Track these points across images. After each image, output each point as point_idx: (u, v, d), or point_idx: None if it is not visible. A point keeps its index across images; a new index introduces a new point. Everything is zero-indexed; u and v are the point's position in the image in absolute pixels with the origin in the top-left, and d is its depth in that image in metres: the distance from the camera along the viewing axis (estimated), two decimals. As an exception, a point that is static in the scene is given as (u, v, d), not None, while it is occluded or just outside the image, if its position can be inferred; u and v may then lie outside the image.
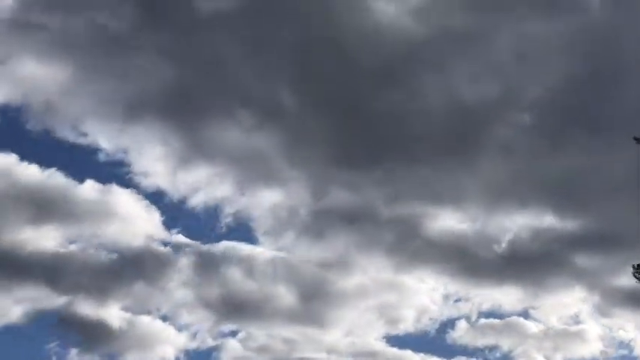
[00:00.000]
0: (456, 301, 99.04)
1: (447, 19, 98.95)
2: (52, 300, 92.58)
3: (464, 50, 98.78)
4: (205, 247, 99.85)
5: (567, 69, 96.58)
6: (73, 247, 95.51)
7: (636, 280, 60.36)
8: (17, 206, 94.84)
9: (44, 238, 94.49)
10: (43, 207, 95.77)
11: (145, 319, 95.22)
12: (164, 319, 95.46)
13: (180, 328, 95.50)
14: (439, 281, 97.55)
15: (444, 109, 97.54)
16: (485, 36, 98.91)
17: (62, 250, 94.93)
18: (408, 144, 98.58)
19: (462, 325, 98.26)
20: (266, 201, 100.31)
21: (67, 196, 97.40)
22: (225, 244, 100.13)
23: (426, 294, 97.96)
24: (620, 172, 79.93)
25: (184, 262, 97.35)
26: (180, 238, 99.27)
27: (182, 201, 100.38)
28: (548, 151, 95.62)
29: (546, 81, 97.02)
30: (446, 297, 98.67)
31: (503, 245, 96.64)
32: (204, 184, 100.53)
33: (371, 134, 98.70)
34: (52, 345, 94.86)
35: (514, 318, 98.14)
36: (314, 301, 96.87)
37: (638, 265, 59.60)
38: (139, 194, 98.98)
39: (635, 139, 57.86)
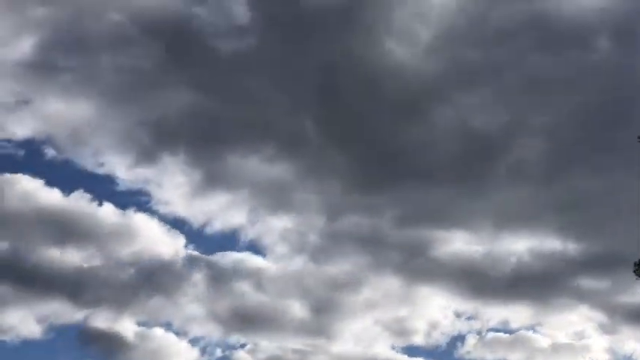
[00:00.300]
0: (465, 317, 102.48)
1: (457, 54, 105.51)
2: (72, 315, 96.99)
3: (474, 82, 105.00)
4: (216, 260, 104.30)
5: (573, 99, 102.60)
6: (92, 265, 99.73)
7: (637, 277, 62.22)
8: (41, 226, 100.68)
9: (65, 256, 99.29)
10: (65, 228, 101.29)
11: (159, 332, 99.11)
12: (176, 332, 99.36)
13: (191, 341, 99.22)
14: (449, 299, 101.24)
15: (456, 137, 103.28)
16: (494, 68, 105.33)
17: (82, 267, 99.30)
18: (420, 170, 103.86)
19: (471, 340, 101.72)
20: (281, 223, 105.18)
21: (88, 219, 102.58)
22: (235, 257, 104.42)
23: (435, 310, 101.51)
24: (623, 196, 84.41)
25: (197, 276, 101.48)
26: (194, 253, 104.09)
27: (200, 227, 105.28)
28: (553, 177, 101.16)
29: (552, 110, 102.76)
30: (455, 313, 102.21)
31: (511, 266, 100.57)
32: (221, 211, 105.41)
33: (385, 162, 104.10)
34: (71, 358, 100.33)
35: (522, 332, 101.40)
36: (323, 313, 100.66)
37: (638, 262, 61.63)
38: (155, 217, 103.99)
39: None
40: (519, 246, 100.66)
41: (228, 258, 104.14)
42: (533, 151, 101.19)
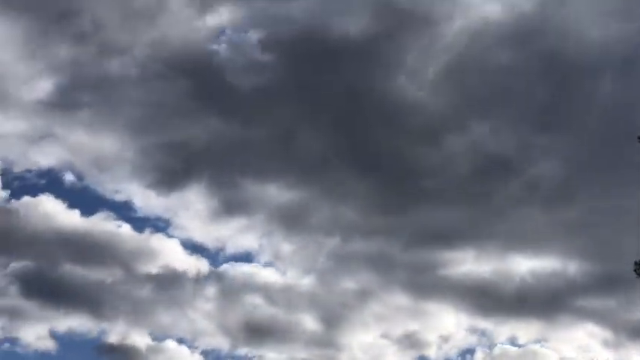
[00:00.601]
0: (475, 332, 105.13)
1: (465, 87, 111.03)
2: (88, 328, 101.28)
3: (484, 111, 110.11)
4: (227, 273, 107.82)
5: (578, 126, 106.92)
6: (109, 281, 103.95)
7: (637, 276, 64.39)
8: (63, 244, 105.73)
9: (85, 274, 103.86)
10: (85, 247, 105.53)
11: (171, 345, 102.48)
12: (188, 344, 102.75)
13: (202, 353, 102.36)
14: (458, 315, 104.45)
15: (468, 162, 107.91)
16: (502, 96, 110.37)
17: (100, 283, 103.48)
18: (431, 194, 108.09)
19: (480, 354, 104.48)
20: (294, 242, 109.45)
21: (107, 239, 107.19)
22: (245, 270, 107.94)
23: (445, 325, 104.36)
24: (629, 217, 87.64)
25: (208, 289, 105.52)
26: (206, 267, 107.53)
27: (216, 249, 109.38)
28: (559, 199, 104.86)
29: (558, 136, 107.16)
30: (464, 328, 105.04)
31: (519, 284, 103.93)
32: (238, 233, 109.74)
33: (398, 186, 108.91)
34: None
35: (530, 346, 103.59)
36: (333, 327, 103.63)
37: (639, 261, 64.02)
38: (172, 239, 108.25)
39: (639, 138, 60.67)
40: (526, 265, 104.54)
41: (239, 271, 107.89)
42: (540, 174, 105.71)
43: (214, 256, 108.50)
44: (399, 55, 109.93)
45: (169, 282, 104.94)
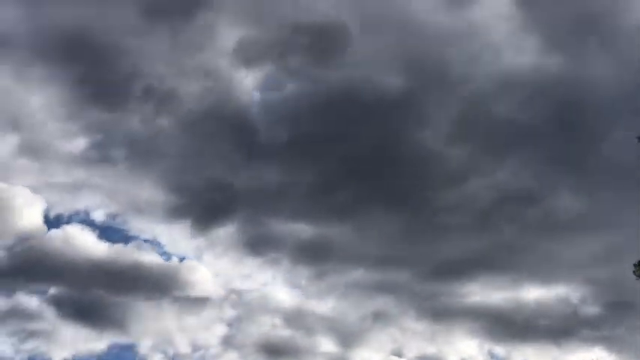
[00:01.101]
0: (490, 356, 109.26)
1: (478, 137, 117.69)
2: (97, 342, 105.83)
3: (502, 151, 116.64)
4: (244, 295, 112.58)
5: (591, 165, 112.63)
6: (134, 303, 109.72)
7: (637, 277, 65.06)
8: (94, 270, 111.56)
9: (110, 293, 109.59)
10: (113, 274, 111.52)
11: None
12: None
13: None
14: (473, 340, 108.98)
15: (482, 201, 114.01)
16: (517, 139, 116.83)
17: (125, 305, 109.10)
18: (451, 228, 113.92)
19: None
20: (317, 270, 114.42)
21: (134, 266, 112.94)
22: (263, 292, 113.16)
23: (461, 349, 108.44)
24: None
25: (229, 312, 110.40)
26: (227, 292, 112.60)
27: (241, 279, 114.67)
28: (572, 232, 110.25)
29: (573, 173, 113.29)
30: (480, 353, 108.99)
31: (532, 311, 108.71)
32: (263, 265, 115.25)
33: (420, 221, 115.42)
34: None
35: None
36: (350, 348, 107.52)
37: (639, 262, 64.65)
38: (197, 268, 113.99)
39: (638, 138, 60.53)
40: (539, 293, 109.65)
41: (259, 294, 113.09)
42: (553, 209, 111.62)
43: (238, 285, 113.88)
44: (425, 109, 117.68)
45: (194, 306, 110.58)
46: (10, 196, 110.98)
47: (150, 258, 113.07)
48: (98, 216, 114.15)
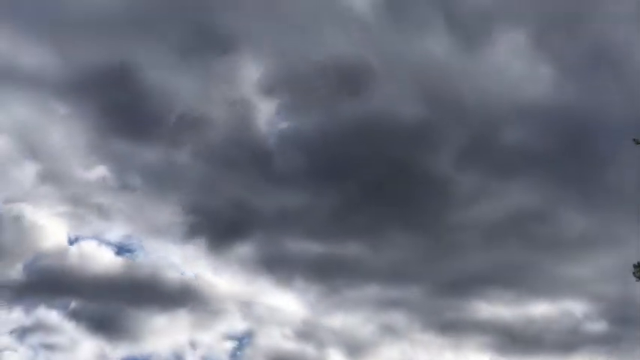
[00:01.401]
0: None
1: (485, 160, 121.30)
2: (113, 354, 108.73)
3: (510, 173, 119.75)
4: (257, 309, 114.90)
5: (601, 187, 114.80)
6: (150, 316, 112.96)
7: (637, 279, 64.39)
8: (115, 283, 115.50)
9: (130, 306, 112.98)
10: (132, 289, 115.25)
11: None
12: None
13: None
14: (484, 353, 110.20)
15: (493, 220, 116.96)
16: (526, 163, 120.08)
17: (143, 318, 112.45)
18: (460, 248, 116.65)
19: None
20: (330, 287, 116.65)
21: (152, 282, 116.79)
22: (270, 303, 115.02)
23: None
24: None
25: (241, 325, 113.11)
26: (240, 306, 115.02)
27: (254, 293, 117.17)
28: (575, 250, 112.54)
29: (572, 194, 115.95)
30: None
31: (540, 326, 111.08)
32: (276, 282, 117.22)
33: (435, 240, 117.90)
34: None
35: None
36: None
37: (638, 263, 64.37)
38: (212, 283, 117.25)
39: (635, 140, 59.66)
40: (546, 308, 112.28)
41: (269, 308, 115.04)
42: (560, 228, 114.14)
43: (251, 299, 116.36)
44: (438, 136, 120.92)
45: (208, 320, 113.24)
46: (35, 217, 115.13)
47: (166, 274, 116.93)
48: (116, 236, 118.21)
